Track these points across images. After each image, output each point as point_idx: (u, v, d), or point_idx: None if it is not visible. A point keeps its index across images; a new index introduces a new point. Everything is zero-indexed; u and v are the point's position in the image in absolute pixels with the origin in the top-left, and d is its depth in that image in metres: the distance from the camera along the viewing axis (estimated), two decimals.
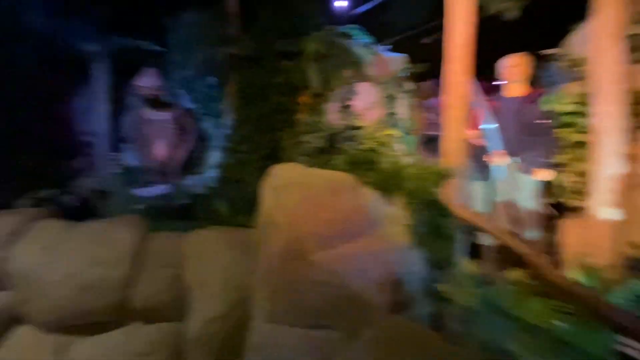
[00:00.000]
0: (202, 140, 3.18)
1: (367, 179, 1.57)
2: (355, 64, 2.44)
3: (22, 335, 1.69)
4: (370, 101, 2.20)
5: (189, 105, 3.16)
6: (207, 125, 3.26)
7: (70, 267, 1.67)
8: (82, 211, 2.25)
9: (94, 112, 2.80)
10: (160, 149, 2.87)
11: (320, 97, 2.41)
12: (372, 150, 1.70)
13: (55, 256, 1.70)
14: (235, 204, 2.32)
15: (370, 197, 1.53)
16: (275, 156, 2.36)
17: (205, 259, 1.72)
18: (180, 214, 2.43)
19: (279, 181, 1.62)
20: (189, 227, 2.14)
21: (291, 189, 1.51)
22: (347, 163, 1.67)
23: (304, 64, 2.46)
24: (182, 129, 2.99)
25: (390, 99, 2.23)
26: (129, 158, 2.92)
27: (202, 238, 1.81)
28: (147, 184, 2.79)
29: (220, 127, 3.28)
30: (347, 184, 1.55)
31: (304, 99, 2.57)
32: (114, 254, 1.70)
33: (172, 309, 1.76)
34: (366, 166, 1.62)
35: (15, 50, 2.13)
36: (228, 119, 2.84)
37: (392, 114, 2.16)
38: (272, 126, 2.39)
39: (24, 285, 1.67)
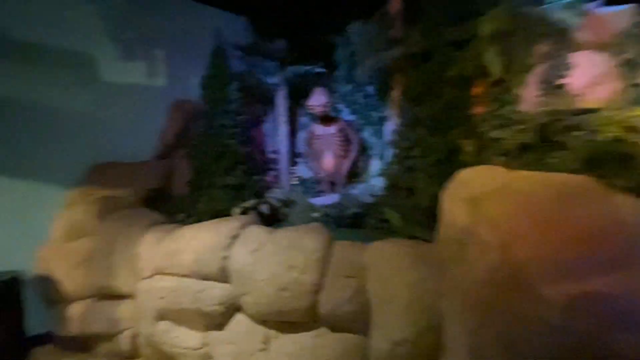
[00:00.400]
0: (364, 150, 3.22)
1: (621, 183, 1.08)
2: (556, 32, 1.89)
3: (240, 322, 2.03)
4: (593, 74, 1.61)
5: (350, 117, 3.27)
6: (367, 135, 3.29)
7: (271, 269, 1.89)
8: (272, 218, 2.61)
9: (276, 133, 3.26)
10: (328, 161, 3.06)
11: (503, 83, 1.98)
12: (620, 140, 1.18)
13: (260, 258, 1.96)
14: (406, 214, 2.16)
15: (634, 210, 1.04)
16: (452, 159, 2.07)
17: (389, 273, 1.61)
18: (351, 222, 2.47)
19: (477, 188, 1.33)
20: (361, 235, 2.13)
21: (499, 199, 1.20)
22: (579, 161, 1.21)
23: (480, 49, 2.09)
24: (346, 140, 3.11)
25: (630, 66, 1.56)
26: (303, 171, 3.25)
27: (383, 250, 1.72)
28: (319, 193, 3.01)
29: (379, 136, 3.25)
30: (588, 191, 1.11)
31: (479, 89, 2.18)
32: (304, 260, 1.83)
33: (356, 321, 1.73)
34: (615, 163, 1.12)
35: (227, 90, 2.70)
36: (392, 125, 2.75)
37: (637, 85, 1.49)
38: (446, 126, 2.11)
39: (239, 281, 1.99)
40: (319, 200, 2.86)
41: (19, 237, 2.58)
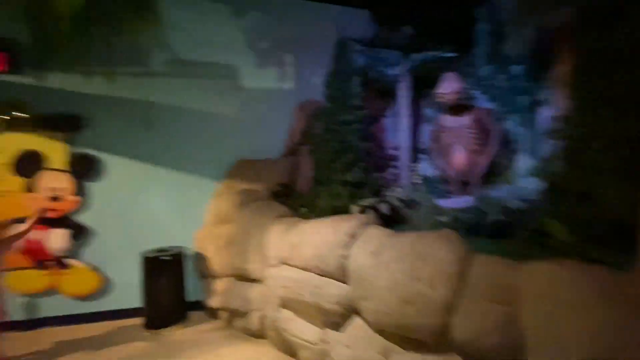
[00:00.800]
0: (506, 143, 2.66)
1: None
2: None
3: (358, 326, 1.93)
4: None
5: (487, 105, 2.75)
6: (511, 125, 2.70)
7: (393, 277, 1.71)
8: (392, 219, 2.42)
9: (397, 128, 3.04)
10: (459, 157, 2.65)
11: None
12: None
13: (380, 262, 1.81)
14: (578, 226, 1.62)
15: None
16: None
17: (559, 306, 1.20)
18: (491, 231, 2.05)
19: None
20: (506, 249, 1.71)
21: None
22: None
23: None
24: (482, 132, 2.63)
25: None
26: (427, 168, 2.93)
27: (549, 274, 1.30)
28: (446, 194, 2.65)
29: (530, 126, 2.62)
30: None
31: None
32: (433, 272, 1.58)
33: (502, 356, 1.39)
34: None
35: (348, 85, 2.65)
36: (551, 111, 2.15)
37: None
38: None
39: (358, 283, 1.89)
40: (446, 203, 2.50)
41: (184, 220, 3.19)
